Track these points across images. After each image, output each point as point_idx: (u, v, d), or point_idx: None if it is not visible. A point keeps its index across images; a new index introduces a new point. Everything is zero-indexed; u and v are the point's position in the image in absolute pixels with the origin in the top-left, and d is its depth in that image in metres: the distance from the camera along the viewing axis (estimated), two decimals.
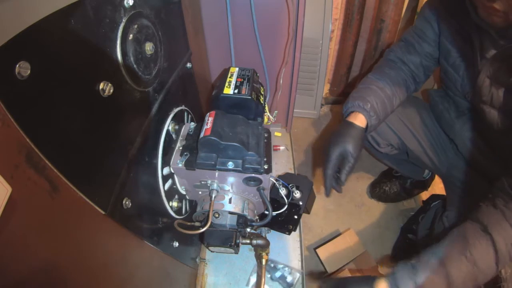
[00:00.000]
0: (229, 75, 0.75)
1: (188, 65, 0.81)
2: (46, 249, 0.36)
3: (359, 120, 0.83)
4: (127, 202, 0.50)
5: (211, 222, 0.65)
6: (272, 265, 0.98)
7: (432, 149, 1.00)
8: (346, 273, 1.02)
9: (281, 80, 1.11)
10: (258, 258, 0.91)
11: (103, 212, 0.44)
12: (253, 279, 0.96)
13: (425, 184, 1.31)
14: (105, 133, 0.46)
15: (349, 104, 0.85)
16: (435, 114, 1.00)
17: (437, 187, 1.35)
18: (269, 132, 0.73)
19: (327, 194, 0.81)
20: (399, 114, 0.99)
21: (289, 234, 0.99)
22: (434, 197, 1.15)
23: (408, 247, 1.17)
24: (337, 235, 1.21)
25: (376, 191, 1.35)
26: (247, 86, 0.71)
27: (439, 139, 1.00)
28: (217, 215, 0.69)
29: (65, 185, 0.37)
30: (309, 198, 0.96)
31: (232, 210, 0.70)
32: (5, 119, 0.29)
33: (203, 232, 0.65)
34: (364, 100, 0.83)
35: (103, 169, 0.45)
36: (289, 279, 0.96)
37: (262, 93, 0.78)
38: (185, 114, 0.78)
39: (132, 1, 0.49)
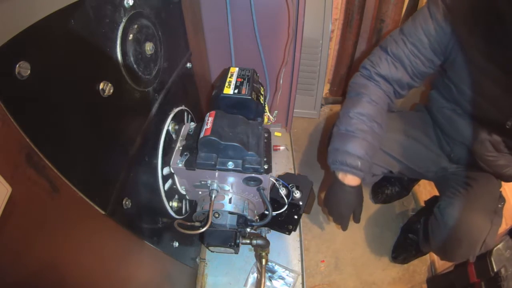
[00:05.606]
0: (229, 75, 0.75)
1: (188, 65, 0.81)
2: (46, 249, 0.36)
3: (354, 180, 0.81)
4: (127, 202, 0.50)
5: (211, 222, 0.65)
6: (272, 265, 0.98)
7: (418, 162, 0.97)
8: None
9: (281, 80, 1.11)
10: (258, 258, 0.91)
11: (103, 212, 0.44)
12: (251, 279, 0.96)
13: None
14: (105, 133, 0.46)
15: (338, 160, 0.80)
16: (439, 115, 0.93)
17: None
18: (269, 132, 0.73)
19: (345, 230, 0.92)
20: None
21: (289, 234, 0.99)
22: (436, 199, 1.15)
23: (408, 246, 1.17)
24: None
25: (379, 197, 1.35)
26: (247, 86, 0.71)
27: (425, 151, 0.96)
28: (217, 215, 0.69)
29: (65, 185, 0.37)
30: (309, 198, 0.96)
31: (232, 210, 0.70)
32: (5, 119, 0.29)
33: (203, 232, 0.65)
34: (353, 157, 0.79)
35: (103, 169, 0.45)
36: (289, 279, 0.96)
37: (262, 93, 0.78)
38: (185, 114, 0.78)
39: (132, 1, 0.49)
